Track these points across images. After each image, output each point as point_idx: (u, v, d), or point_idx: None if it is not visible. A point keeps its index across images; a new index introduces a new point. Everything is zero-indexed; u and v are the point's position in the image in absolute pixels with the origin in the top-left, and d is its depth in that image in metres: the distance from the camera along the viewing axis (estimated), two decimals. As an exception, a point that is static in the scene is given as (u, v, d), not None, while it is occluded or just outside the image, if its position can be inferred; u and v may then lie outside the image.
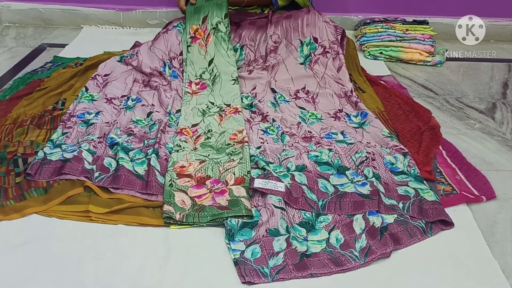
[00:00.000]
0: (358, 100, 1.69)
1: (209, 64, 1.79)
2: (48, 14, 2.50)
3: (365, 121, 1.60)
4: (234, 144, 1.43)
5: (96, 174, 1.28)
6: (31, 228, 1.13)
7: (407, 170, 1.35)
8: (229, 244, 1.10)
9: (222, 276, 1.03)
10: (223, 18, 1.83)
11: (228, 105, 1.64)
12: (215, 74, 1.77)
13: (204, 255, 1.08)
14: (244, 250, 1.08)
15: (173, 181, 1.26)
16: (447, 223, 1.18)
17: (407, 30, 2.26)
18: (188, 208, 1.19)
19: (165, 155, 1.37)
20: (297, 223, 1.18)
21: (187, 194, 1.23)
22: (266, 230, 1.13)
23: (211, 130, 1.51)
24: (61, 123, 1.51)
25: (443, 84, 2.03)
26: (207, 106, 1.65)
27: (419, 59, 2.20)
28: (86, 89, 1.72)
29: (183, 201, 1.21)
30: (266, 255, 1.07)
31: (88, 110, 1.59)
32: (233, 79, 1.75)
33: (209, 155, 1.39)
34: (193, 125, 1.54)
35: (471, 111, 1.80)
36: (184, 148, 1.41)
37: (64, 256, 1.06)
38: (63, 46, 2.24)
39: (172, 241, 1.11)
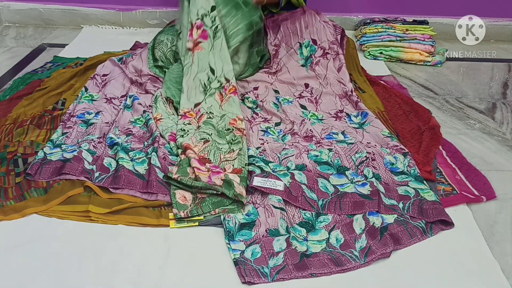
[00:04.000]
0: (359, 100, 1.69)
1: (212, 10, 1.66)
2: (48, 14, 2.50)
3: (365, 121, 1.60)
4: (233, 130, 1.47)
5: (96, 174, 1.28)
6: (31, 228, 1.13)
7: (407, 170, 1.35)
8: (229, 243, 1.10)
9: (222, 276, 1.03)
10: None
11: (228, 81, 1.63)
12: (217, 26, 1.66)
13: (204, 255, 1.08)
14: (244, 250, 1.09)
15: (180, 162, 1.32)
16: (447, 223, 1.18)
17: (407, 30, 2.26)
18: (190, 204, 1.20)
19: (163, 154, 1.37)
20: (297, 223, 1.18)
21: (189, 188, 1.24)
22: (266, 230, 1.13)
23: (212, 113, 1.54)
24: (61, 123, 1.51)
25: (443, 84, 2.03)
26: (208, 79, 1.61)
27: (419, 59, 2.20)
28: (86, 89, 1.72)
29: (184, 197, 1.22)
30: (266, 255, 1.07)
31: (88, 110, 1.59)
32: (230, 47, 1.70)
33: (212, 134, 1.44)
34: (196, 105, 1.56)
35: (471, 111, 1.80)
36: (188, 131, 1.44)
37: (64, 256, 1.06)
38: (63, 46, 2.24)
39: (172, 241, 1.11)
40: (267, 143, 1.46)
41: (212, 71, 1.62)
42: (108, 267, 1.04)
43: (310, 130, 1.53)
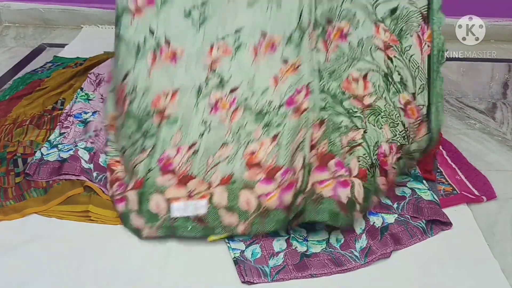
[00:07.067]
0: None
1: None
2: (48, 14, 2.50)
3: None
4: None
5: (94, 174, 1.28)
6: (31, 228, 1.13)
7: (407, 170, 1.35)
8: (229, 243, 1.10)
9: (222, 275, 1.03)
10: None
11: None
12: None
13: (204, 255, 1.08)
14: (244, 250, 1.09)
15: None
16: (447, 223, 1.18)
17: (407, 30, 2.26)
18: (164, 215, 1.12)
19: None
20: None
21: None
22: (265, 230, 1.13)
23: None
24: (58, 123, 1.51)
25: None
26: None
27: (419, 59, 2.20)
28: (81, 89, 1.72)
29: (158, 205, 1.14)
30: (266, 255, 1.07)
31: (85, 110, 1.59)
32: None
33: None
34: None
35: (471, 111, 1.80)
36: None
37: (64, 256, 1.06)
38: (63, 46, 2.24)
39: (172, 241, 1.11)
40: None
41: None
42: (108, 267, 1.04)
43: None
